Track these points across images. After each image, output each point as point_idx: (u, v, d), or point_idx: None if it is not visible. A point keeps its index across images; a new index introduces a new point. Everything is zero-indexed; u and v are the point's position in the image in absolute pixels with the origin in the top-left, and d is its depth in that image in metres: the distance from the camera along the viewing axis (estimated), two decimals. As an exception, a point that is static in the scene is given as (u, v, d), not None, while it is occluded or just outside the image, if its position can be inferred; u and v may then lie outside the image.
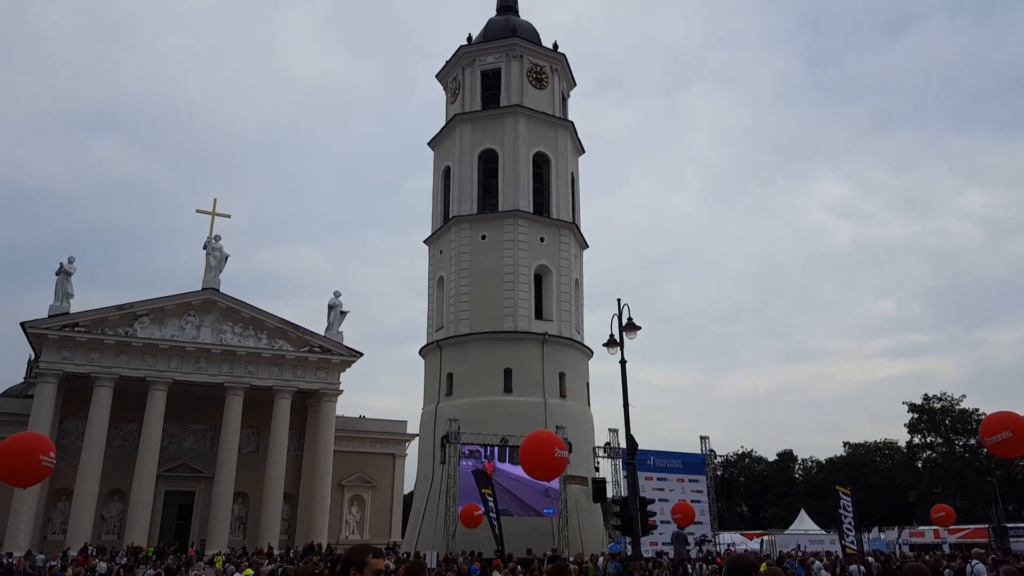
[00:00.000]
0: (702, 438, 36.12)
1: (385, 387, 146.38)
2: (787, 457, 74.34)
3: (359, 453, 43.33)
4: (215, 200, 39.16)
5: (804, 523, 50.73)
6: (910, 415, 61.13)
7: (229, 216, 39.47)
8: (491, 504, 29.77)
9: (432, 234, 41.09)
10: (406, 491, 47.24)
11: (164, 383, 34.74)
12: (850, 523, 23.31)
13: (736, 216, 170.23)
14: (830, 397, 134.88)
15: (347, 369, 39.92)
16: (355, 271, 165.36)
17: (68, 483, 33.74)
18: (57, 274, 34.91)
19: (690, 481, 34.89)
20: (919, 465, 62.48)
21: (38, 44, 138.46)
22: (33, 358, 38.71)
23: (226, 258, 37.29)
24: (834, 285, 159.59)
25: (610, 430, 33.52)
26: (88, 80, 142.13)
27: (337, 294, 39.86)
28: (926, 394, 61.23)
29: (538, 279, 37.87)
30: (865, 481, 60.75)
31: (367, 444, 44.17)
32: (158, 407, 34.44)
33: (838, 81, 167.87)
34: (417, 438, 40.88)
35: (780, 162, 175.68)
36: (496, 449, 31.49)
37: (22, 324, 33.69)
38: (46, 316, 33.78)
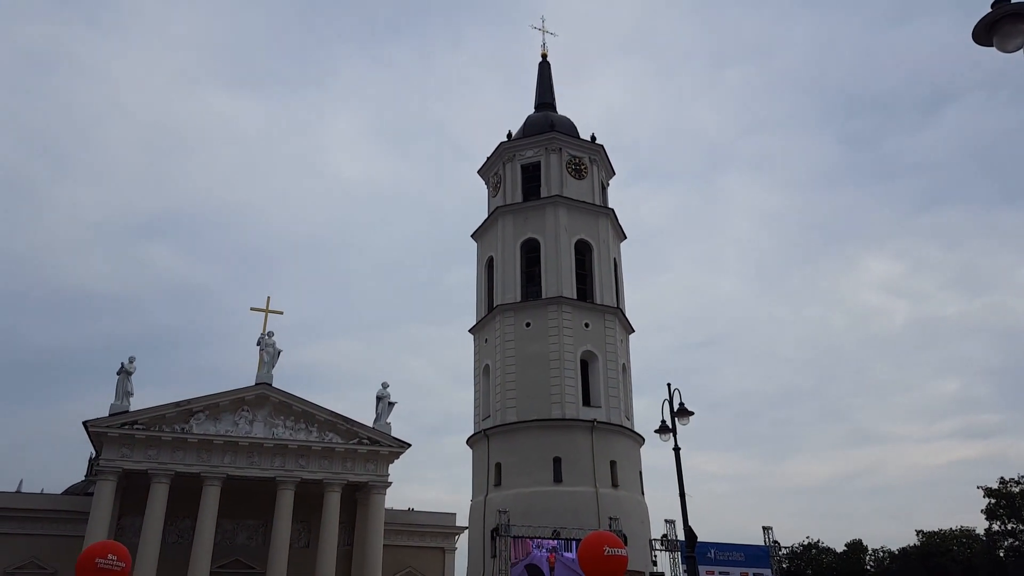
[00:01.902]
0: (765, 529, 34.58)
1: (432, 479, 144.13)
2: (856, 548, 69.91)
3: (408, 547, 42.46)
4: (268, 298, 40.63)
5: (880, 620, 47.20)
6: (986, 500, 57.62)
7: (281, 313, 40.69)
8: (545, 601, 28.78)
9: (477, 323, 41.75)
10: (456, 587, 45.79)
11: (218, 478, 35.14)
12: (931, 618, 21.80)
13: (783, 298, 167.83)
14: (898, 483, 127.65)
15: (395, 460, 39.84)
16: (400, 363, 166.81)
17: (122, 582, 33.81)
18: (118, 374, 36.20)
19: (754, 575, 33.19)
20: (1000, 554, 58.13)
21: (98, 157, 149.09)
22: (94, 456, 39.73)
23: (279, 353, 38.27)
24: (892, 366, 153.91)
25: (666, 521, 32.38)
26: (144, 190, 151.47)
27: (385, 385, 40.26)
28: (1002, 477, 58.05)
29: (584, 365, 37.86)
30: (943, 572, 56.62)
31: (416, 538, 43.31)
32: (212, 502, 34.68)
33: (877, 161, 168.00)
34: (467, 531, 40.11)
35: (825, 243, 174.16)
36: (560, 543, 30.60)
37: (84, 423, 34.82)
38: (107, 415, 34.88)
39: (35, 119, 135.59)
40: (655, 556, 32.59)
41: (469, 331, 42.58)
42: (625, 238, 44.74)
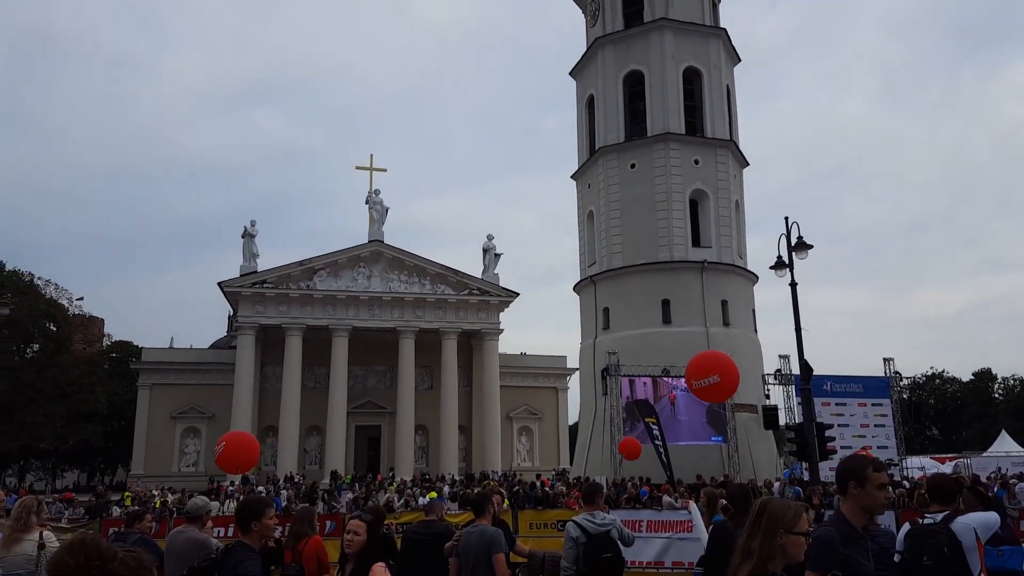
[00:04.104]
0: (885, 360, 33.42)
1: (541, 325, 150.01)
2: (985, 376, 67.13)
3: (523, 388, 44.98)
4: (371, 156, 41.11)
5: (1005, 444, 45.92)
6: None
7: (385, 170, 41.11)
8: (655, 432, 29.75)
9: (579, 168, 40.39)
10: (571, 422, 48.56)
11: (345, 329, 37.80)
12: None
13: (917, 117, 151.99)
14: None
15: (505, 309, 41.12)
16: (503, 214, 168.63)
17: (273, 421, 38.19)
18: (243, 237, 38.45)
19: (872, 405, 32.61)
20: None
21: (194, 24, 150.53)
22: (232, 313, 43.44)
23: (387, 210, 39.17)
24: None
25: (780, 356, 31.94)
26: (242, 55, 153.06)
27: (490, 237, 40.72)
28: None
29: (694, 204, 36.18)
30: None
31: (530, 379, 45.70)
32: (342, 351, 37.64)
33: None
34: (578, 372, 41.57)
35: (966, 50, 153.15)
36: (668, 380, 31.06)
37: (219, 284, 37.76)
38: (238, 275, 37.57)
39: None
40: (768, 390, 32.59)
41: (571, 177, 41.40)
42: (739, 61, 40.60)
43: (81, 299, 46.82)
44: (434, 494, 24.86)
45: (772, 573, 2.85)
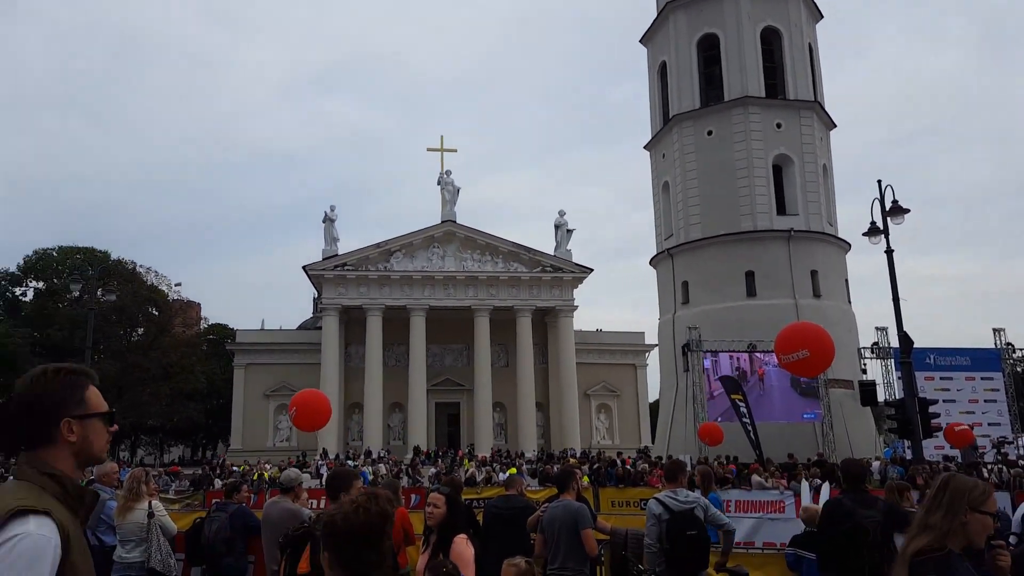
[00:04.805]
0: (995, 330, 31.12)
1: (617, 301, 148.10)
2: (1109, 346, 61.53)
3: (600, 364, 44.53)
4: (442, 137, 41.35)
5: None
6: None
7: (456, 151, 41.42)
8: (743, 409, 28.81)
9: (652, 138, 39.26)
10: (651, 399, 47.76)
11: (422, 309, 38.41)
12: None
13: (1021, 68, 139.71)
14: None
15: (579, 285, 40.71)
16: (574, 190, 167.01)
17: (358, 398, 39.36)
18: (324, 222, 39.57)
19: (982, 379, 30.52)
20: None
21: (268, 18, 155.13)
22: (316, 296, 44.91)
23: (458, 191, 39.39)
24: None
25: (877, 328, 30.22)
26: (313, 44, 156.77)
27: (562, 213, 40.29)
28: None
29: (777, 170, 34.53)
30: None
31: (607, 356, 45.17)
32: (419, 330, 38.31)
33: None
34: (656, 348, 40.75)
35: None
36: (758, 355, 29.96)
37: (304, 267, 39.04)
38: (321, 259, 38.72)
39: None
40: (864, 365, 31.01)
41: (644, 148, 40.30)
42: (821, 17, 38.28)
43: (179, 285, 49.65)
44: (514, 470, 25.01)
45: (949, 550, 2.66)
